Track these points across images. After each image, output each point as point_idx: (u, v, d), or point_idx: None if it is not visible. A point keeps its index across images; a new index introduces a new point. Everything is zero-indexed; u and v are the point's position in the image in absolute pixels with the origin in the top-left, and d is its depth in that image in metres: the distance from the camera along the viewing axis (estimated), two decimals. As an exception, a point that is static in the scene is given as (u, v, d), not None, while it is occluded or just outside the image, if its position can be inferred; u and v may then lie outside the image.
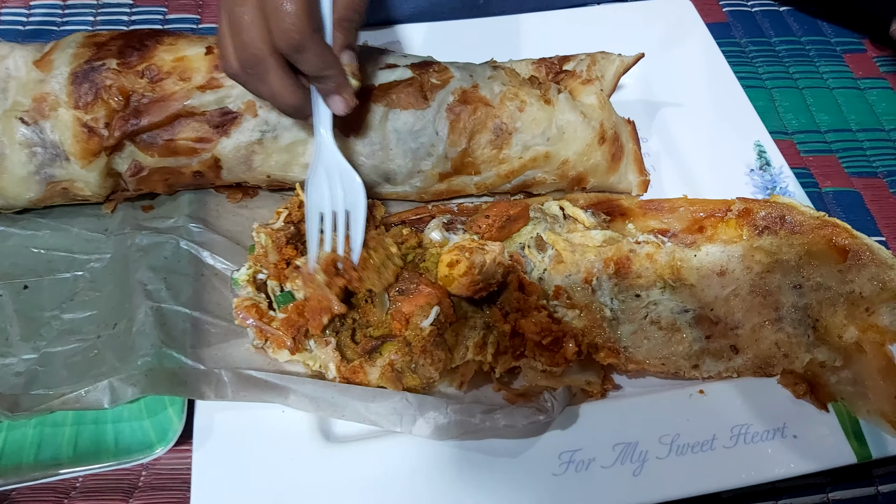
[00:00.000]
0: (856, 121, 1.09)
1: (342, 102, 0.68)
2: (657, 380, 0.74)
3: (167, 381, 0.64)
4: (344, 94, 0.68)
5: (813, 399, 0.71)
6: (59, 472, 0.63)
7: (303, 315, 0.69)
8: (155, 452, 0.64)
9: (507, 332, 0.70)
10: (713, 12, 1.23)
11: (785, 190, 0.87)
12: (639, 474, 0.65)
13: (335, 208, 0.73)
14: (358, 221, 0.72)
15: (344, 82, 0.67)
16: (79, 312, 0.73)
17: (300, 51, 0.62)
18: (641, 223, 0.82)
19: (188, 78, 0.75)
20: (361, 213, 0.72)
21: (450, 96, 0.78)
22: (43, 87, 0.75)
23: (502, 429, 0.66)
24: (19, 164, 0.75)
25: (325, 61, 0.64)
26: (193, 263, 0.75)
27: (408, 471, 0.65)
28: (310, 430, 0.67)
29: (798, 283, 0.77)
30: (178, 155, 0.76)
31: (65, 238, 0.80)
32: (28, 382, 0.67)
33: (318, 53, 0.63)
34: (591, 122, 0.80)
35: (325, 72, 0.65)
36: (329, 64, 0.65)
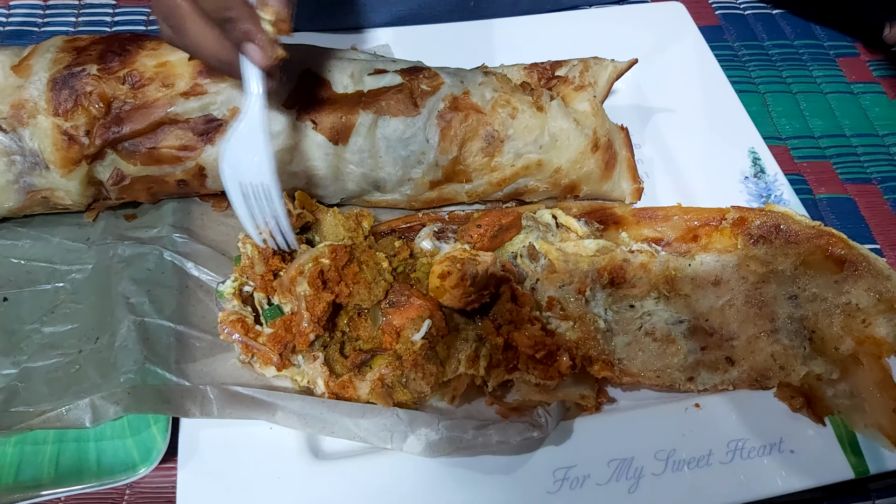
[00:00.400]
0: (849, 126, 1.08)
1: (257, 52, 0.59)
2: (652, 392, 0.73)
3: (151, 399, 0.62)
4: (256, 41, 0.59)
5: (810, 413, 0.70)
6: (39, 493, 0.61)
7: (290, 330, 0.67)
8: (138, 473, 0.62)
9: (499, 345, 0.69)
10: (705, 15, 1.21)
11: (780, 198, 0.86)
12: (634, 491, 0.64)
13: (252, 179, 0.66)
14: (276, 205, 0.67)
15: (254, 28, 0.58)
16: (60, 326, 0.71)
17: None
18: (635, 232, 0.81)
19: (171, 84, 0.73)
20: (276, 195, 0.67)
21: (440, 103, 0.76)
22: (21, 93, 0.72)
23: (495, 445, 0.64)
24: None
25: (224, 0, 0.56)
26: (177, 275, 0.73)
27: (399, 488, 0.63)
28: (298, 447, 0.65)
29: (794, 294, 0.76)
30: (162, 163, 0.74)
31: (45, 248, 0.78)
32: (7, 399, 0.65)
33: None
34: (584, 129, 0.78)
35: (228, 13, 0.57)
36: (230, 3, 0.57)
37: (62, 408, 0.61)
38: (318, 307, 0.67)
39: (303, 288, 0.67)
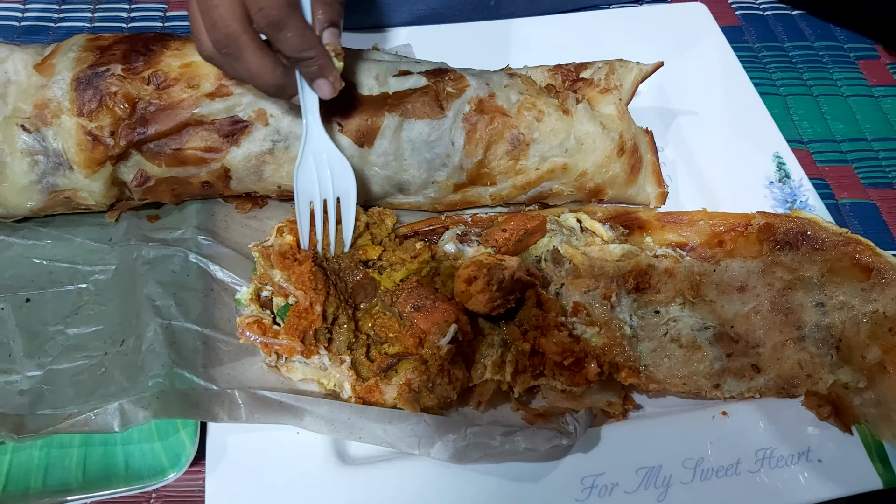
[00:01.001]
0: (871, 130, 1.07)
1: (327, 86, 0.65)
2: (678, 400, 0.72)
3: (179, 404, 0.62)
4: (329, 77, 0.65)
5: (837, 421, 0.70)
6: (67, 499, 0.61)
7: (302, 316, 0.67)
8: (167, 477, 0.62)
9: (526, 351, 0.68)
10: (725, 15, 1.21)
11: (805, 203, 0.85)
12: (663, 500, 0.63)
13: (325, 195, 0.72)
14: (349, 208, 0.72)
15: (328, 64, 0.64)
16: (84, 327, 0.70)
17: (279, 28, 0.59)
18: (659, 236, 0.81)
19: (196, 85, 0.72)
20: (352, 199, 0.72)
21: (466, 105, 0.76)
22: (44, 92, 0.72)
23: (523, 452, 0.64)
24: (21, 172, 0.72)
25: (306, 41, 0.61)
26: (203, 278, 0.72)
27: (426, 495, 0.63)
28: (325, 452, 0.65)
29: (820, 302, 0.75)
30: (187, 165, 0.73)
31: (67, 248, 0.77)
32: (33, 402, 0.65)
33: (298, 32, 0.60)
34: (610, 133, 0.78)
35: (306, 53, 0.62)
36: (310, 44, 0.62)
37: (90, 412, 0.61)
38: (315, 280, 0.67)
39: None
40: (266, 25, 0.59)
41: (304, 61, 0.63)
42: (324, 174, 0.71)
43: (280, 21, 0.59)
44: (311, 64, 0.63)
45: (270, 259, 0.69)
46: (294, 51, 0.61)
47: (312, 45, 0.62)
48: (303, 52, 0.62)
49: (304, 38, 0.61)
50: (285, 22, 0.59)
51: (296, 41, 0.61)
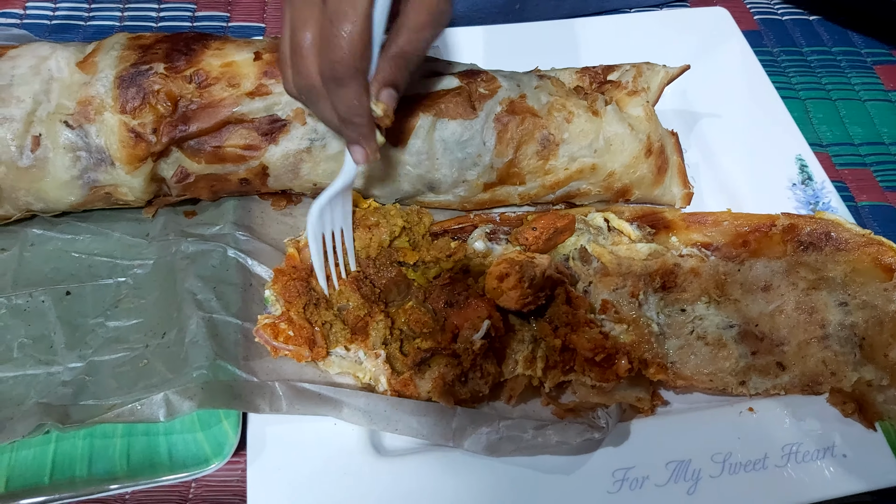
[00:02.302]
0: (888, 134, 1.09)
1: (361, 154, 0.67)
2: (704, 396, 0.74)
3: (223, 395, 0.63)
4: (366, 147, 0.66)
5: (861, 418, 0.71)
6: (111, 487, 0.62)
7: (292, 322, 0.69)
8: (211, 466, 0.63)
9: (557, 347, 0.70)
10: (744, 20, 1.22)
11: (827, 205, 0.87)
12: (693, 493, 0.65)
13: (333, 228, 0.73)
14: (349, 237, 0.74)
15: (369, 135, 0.65)
16: (124, 320, 0.72)
17: (339, 85, 0.61)
18: (685, 236, 0.82)
19: (237, 84, 0.74)
20: (349, 228, 0.74)
21: (497, 106, 0.77)
22: (88, 90, 0.73)
23: (555, 445, 0.65)
24: (62, 168, 0.74)
25: (358, 106, 0.62)
26: (241, 273, 0.74)
27: (460, 487, 0.64)
28: (361, 444, 0.66)
29: (844, 301, 0.76)
30: (226, 162, 0.75)
31: (106, 242, 0.79)
32: (76, 392, 0.66)
33: (353, 96, 0.62)
34: (638, 134, 0.79)
35: (354, 118, 0.63)
36: (359, 111, 0.63)
37: (135, 402, 0.62)
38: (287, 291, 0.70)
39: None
40: (330, 78, 0.61)
41: (349, 125, 0.64)
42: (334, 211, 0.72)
43: (342, 80, 0.60)
44: (354, 130, 0.65)
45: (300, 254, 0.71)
46: (343, 111, 0.63)
47: (361, 113, 0.63)
48: (350, 116, 0.63)
49: (357, 104, 0.62)
50: (346, 82, 0.61)
51: (348, 104, 0.62)
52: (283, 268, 0.71)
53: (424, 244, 0.77)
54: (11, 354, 0.70)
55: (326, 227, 0.72)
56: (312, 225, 0.70)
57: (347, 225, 0.74)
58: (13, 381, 0.67)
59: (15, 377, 0.68)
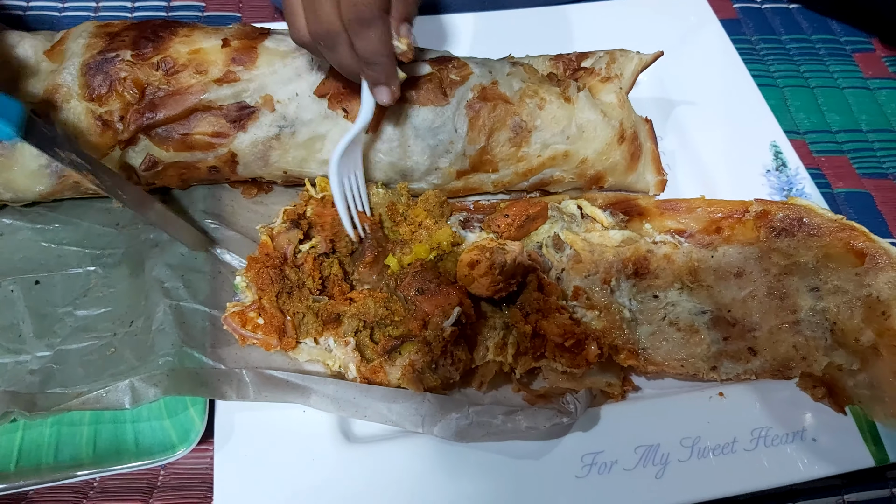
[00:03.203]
0: (866, 121, 1.09)
1: (387, 93, 0.68)
2: (676, 382, 0.74)
3: (189, 382, 0.63)
4: (392, 86, 0.68)
5: (831, 402, 0.71)
6: (78, 473, 0.62)
7: (263, 310, 0.69)
8: (177, 453, 0.63)
9: (527, 333, 0.70)
10: (723, 8, 1.22)
11: (801, 191, 0.87)
12: (661, 477, 0.65)
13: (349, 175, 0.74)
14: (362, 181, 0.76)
15: (393, 73, 0.67)
16: (93, 309, 0.72)
17: (366, 27, 0.62)
18: (659, 223, 0.82)
19: (204, 71, 0.73)
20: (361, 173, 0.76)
21: (469, 93, 0.77)
22: (55, 77, 0.73)
23: (524, 430, 0.65)
24: (31, 156, 0.73)
25: (383, 46, 0.63)
26: (210, 261, 0.74)
27: (430, 472, 0.65)
28: (331, 431, 0.66)
29: (816, 286, 0.77)
30: (194, 149, 0.75)
31: (75, 232, 0.78)
32: (44, 381, 0.66)
33: (379, 36, 0.62)
34: (611, 121, 0.79)
35: (379, 58, 0.64)
36: (384, 50, 0.64)
37: (101, 389, 0.63)
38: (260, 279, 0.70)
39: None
40: (354, 20, 0.61)
41: (373, 65, 0.65)
42: (352, 168, 0.74)
43: (369, 20, 0.61)
44: (378, 70, 0.66)
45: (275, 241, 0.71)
46: (369, 53, 0.64)
47: (385, 52, 0.64)
48: (376, 56, 0.64)
49: (383, 43, 0.63)
50: (372, 23, 0.62)
51: (375, 44, 0.63)
52: (257, 256, 0.70)
53: (411, 215, 0.76)
54: (-22, 343, 0.69)
55: (344, 173, 0.73)
56: (334, 171, 0.71)
57: (360, 169, 0.75)
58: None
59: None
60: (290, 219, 0.72)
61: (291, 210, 0.73)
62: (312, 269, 0.70)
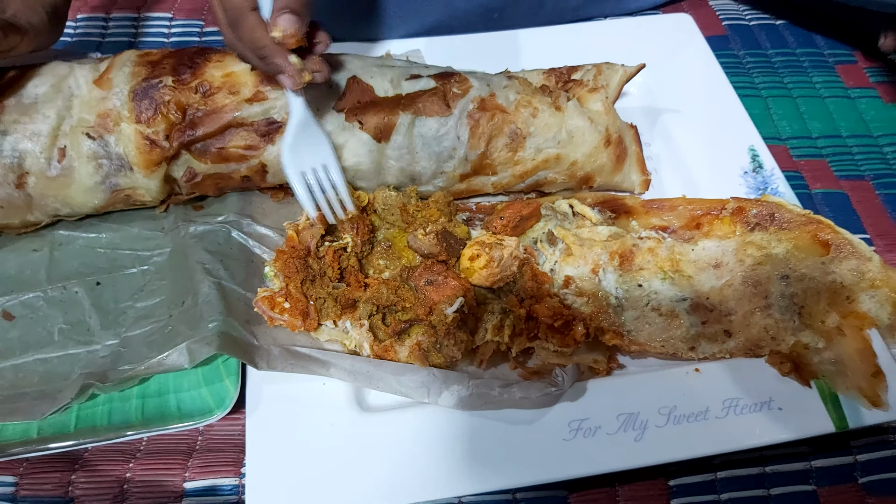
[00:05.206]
0: (846, 127, 1.16)
1: (288, 80, 0.73)
2: (657, 360, 0.81)
3: (233, 345, 0.72)
4: (286, 72, 0.72)
5: (797, 377, 0.78)
6: (128, 433, 0.72)
7: (290, 295, 0.77)
8: (214, 416, 0.73)
9: (522, 316, 0.78)
10: (713, 25, 1.31)
11: (776, 190, 0.95)
12: (640, 440, 0.73)
13: (315, 166, 0.82)
14: (337, 175, 0.83)
15: (283, 61, 0.71)
16: (150, 300, 0.81)
17: (236, 26, 0.68)
18: (644, 220, 0.90)
19: (237, 92, 0.83)
20: (335, 165, 0.83)
21: (470, 104, 0.87)
22: (105, 104, 0.82)
23: (518, 400, 0.74)
24: (86, 175, 0.82)
25: (259, 38, 0.68)
26: (244, 252, 0.84)
27: (434, 437, 0.73)
28: (347, 401, 0.75)
29: (786, 274, 0.84)
30: (229, 161, 0.84)
31: (126, 238, 0.88)
32: (113, 362, 0.75)
33: (249, 29, 0.68)
34: (597, 126, 0.88)
35: (263, 51, 0.70)
36: (262, 43, 0.69)
37: (162, 355, 0.72)
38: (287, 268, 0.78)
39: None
40: (227, 24, 0.69)
41: (263, 59, 0.71)
42: (309, 149, 0.81)
43: (237, 21, 0.68)
44: (269, 62, 0.72)
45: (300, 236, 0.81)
46: (252, 48, 0.70)
47: (265, 44, 0.69)
48: (259, 51, 0.70)
49: (255, 37, 0.69)
50: (240, 22, 0.68)
51: (250, 39, 0.69)
52: (284, 248, 0.80)
53: (420, 219, 0.85)
54: (53, 338, 0.79)
55: (307, 164, 0.81)
56: (287, 162, 0.80)
57: (332, 161, 0.82)
58: (58, 360, 0.77)
59: (59, 357, 0.78)
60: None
61: None
62: (332, 261, 0.79)
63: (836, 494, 0.78)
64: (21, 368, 0.77)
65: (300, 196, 0.81)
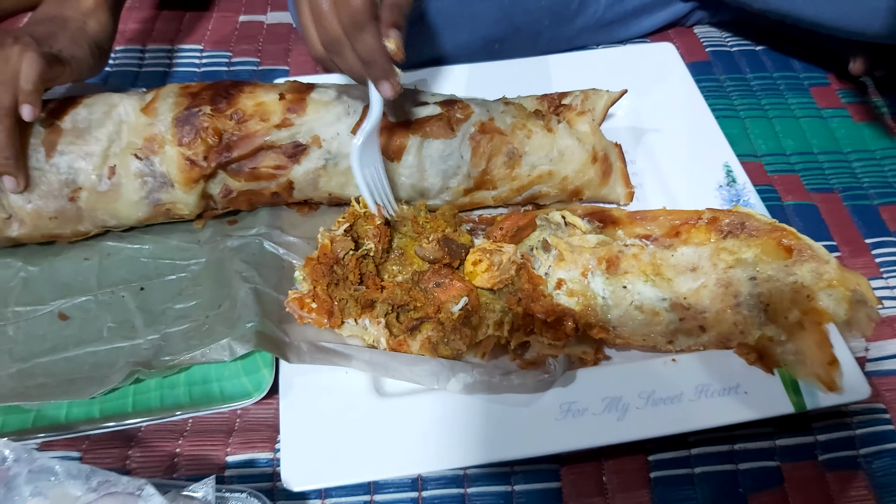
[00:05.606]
0: (817, 144, 1.24)
1: (389, 88, 0.79)
2: (639, 352, 0.90)
3: (268, 341, 0.83)
4: (391, 80, 0.79)
5: (762, 365, 0.87)
6: (177, 413, 0.84)
7: (317, 296, 0.87)
8: (253, 397, 0.84)
9: (520, 314, 0.89)
10: (697, 52, 1.40)
11: (747, 202, 1.04)
12: (622, 420, 0.82)
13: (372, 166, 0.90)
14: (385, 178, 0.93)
15: (390, 69, 0.78)
16: (187, 303, 0.92)
17: (360, 30, 0.73)
18: (629, 229, 0.99)
19: (267, 119, 0.93)
20: (383, 170, 0.93)
21: (471, 127, 0.98)
22: (151, 129, 0.93)
23: (516, 386, 0.83)
24: (133, 190, 0.93)
25: (376, 45, 0.74)
26: (275, 259, 0.95)
27: (443, 417, 0.83)
28: (366, 388, 0.85)
29: (753, 276, 0.93)
30: (260, 179, 0.95)
31: (166, 249, 0.99)
32: (156, 354, 0.86)
33: (373, 37, 0.73)
34: (584, 145, 1.00)
35: (375, 56, 0.75)
36: (378, 49, 0.75)
37: (205, 348, 0.83)
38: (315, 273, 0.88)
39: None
40: (350, 25, 0.73)
41: (372, 63, 0.77)
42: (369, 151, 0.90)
43: (362, 24, 0.73)
44: (377, 67, 0.77)
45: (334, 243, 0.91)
46: (366, 53, 0.75)
47: (379, 51, 0.75)
48: (372, 54, 0.75)
49: (376, 43, 0.74)
50: (365, 26, 0.73)
51: (370, 45, 0.74)
52: (313, 255, 0.90)
53: (429, 229, 0.95)
54: (102, 334, 0.90)
55: (367, 164, 0.90)
56: (356, 161, 0.89)
57: (379, 164, 0.91)
58: (105, 352, 0.88)
59: (107, 349, 0.89)
60: (346, 225, 0.91)
61: (343, 219, 0.93)
62: (354, 267, 0.90)
63: (798, 469, 0.86)
64: (73, 360, 0.88)
65: (363, 191, 0.91)
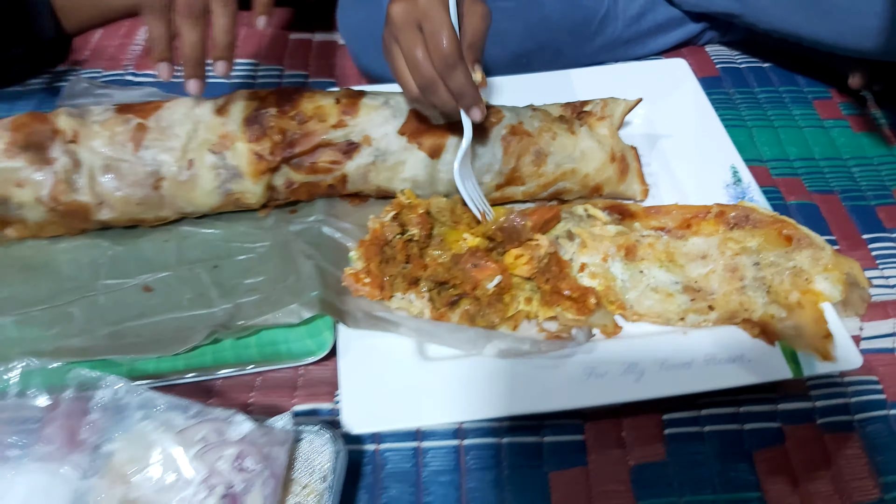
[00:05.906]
0: (819, 151, 1.34)
1: (479, 113, 0.90)
2: (653, 327, 1.01)
3: (330, 308, 0.96)
4: (480, 107, 0.89)
5: (764, 338, 0.97)
6: (249, 367, 0.96)
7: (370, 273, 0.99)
8: (316, 355, 0.96)
9: (547, 291, 1.01)
10: (707, 68, 1.51)
11: (751, 199, 1.14)
12: (639, 381, 0.92)
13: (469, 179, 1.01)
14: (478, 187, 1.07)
15: (479, 96, 0.88)
16: (256, 278, 1.03)
17: (452, 69, 0.82)
18: (645, 222, 1.10)
19: (324, 120, 1.06)
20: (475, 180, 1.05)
21: (503, 130, 1.10)
22: (224, 127, 1.05)
23: (545, 351, 0.95)
24: (208, 181, 1.05)
25: (467, 82, 0.84)
26: (333, 242, 1.06)
27: (480, 377, 0.93)
28: (413, 352, 0.96)
29: (757, 262, 1.04)
30: (318, 173, 1.08)
31: (235, 234, 1.10)
32: (230, 319, 0.98)
33: (464, 73, 0.83)
34: (604, 146, 1.11)
35: (466, 89, 0.85)
36: (468, 82, 0.84)
37: (276, 311, 0.95)
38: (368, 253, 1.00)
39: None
40: (443, 67, 0.82)
41: (464, 95, 0.86)
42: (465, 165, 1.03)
43: (454, 65, 0.82)
44: (468, 98, 0.87)
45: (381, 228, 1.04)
46: (459, 87, 0.84)
47: (470, 83, 0.85)
48: (464, 87, 0.85)
49: (467, 77, 0.84)
50: (457, 65, 0.82)
51: (461, 81, 0.83)
52: (366, 239, 1.03)
53: (465, 219, 1.07)
54: (182, 304, 1.02)
55: (467, 178, 1.03)
56: (458, 177, 1.02)
57: (472, 178, 1.04)
58: (186, 318, 1.00)
59: (187, 316, 1.00)
60: (393, 213, 1.03)
61: (390, 208, 1.05)
62: (401, 248, 1.02)
63: (798, 431, 0.95)
64: (158, 324, 1.00)
65: (466, 200, 1.04)
